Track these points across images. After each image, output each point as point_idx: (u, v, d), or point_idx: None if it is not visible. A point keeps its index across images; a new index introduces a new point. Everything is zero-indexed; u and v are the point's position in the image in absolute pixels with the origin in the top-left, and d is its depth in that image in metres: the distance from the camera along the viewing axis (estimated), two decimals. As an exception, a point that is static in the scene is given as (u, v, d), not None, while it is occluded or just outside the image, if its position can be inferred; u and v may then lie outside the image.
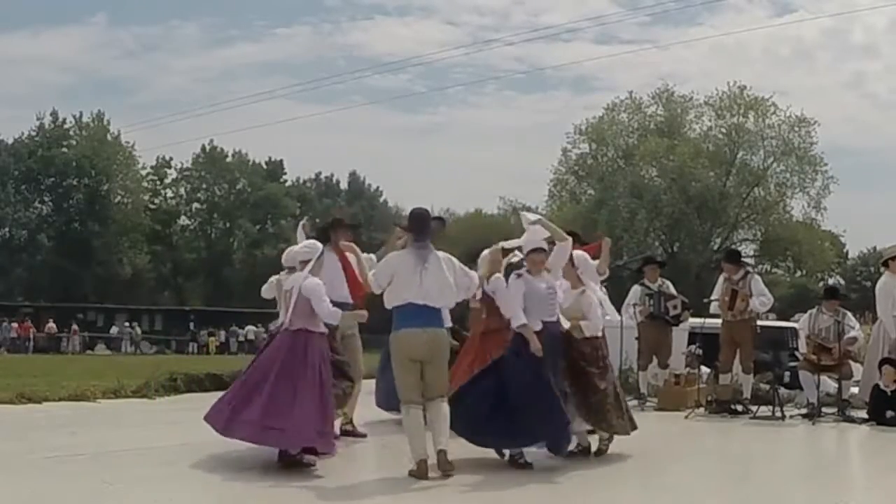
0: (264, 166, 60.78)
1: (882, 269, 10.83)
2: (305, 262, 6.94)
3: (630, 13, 78.20)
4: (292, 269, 7.36)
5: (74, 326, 42.42)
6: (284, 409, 6.35)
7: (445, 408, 6.45)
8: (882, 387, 9.62)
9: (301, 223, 8.71)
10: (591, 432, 7.32)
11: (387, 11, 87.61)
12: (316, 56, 76.84)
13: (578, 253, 7.57)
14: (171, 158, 58.53)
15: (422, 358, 6.40)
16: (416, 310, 6.39)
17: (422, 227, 6.55)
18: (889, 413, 9.38)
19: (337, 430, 7.50)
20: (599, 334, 7.27)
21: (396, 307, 6.44)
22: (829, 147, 53.67)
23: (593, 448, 7.26)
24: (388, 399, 8.23)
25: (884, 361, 9.81)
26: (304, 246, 7.14)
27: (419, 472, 6.23)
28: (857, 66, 70.00)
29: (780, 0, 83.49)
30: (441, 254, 6.55)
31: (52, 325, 41.92)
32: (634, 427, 7.30)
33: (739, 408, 10.13)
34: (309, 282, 6.73)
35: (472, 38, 73.64)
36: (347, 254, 7.41)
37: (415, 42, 77.85)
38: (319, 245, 7.10)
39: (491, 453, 6.91)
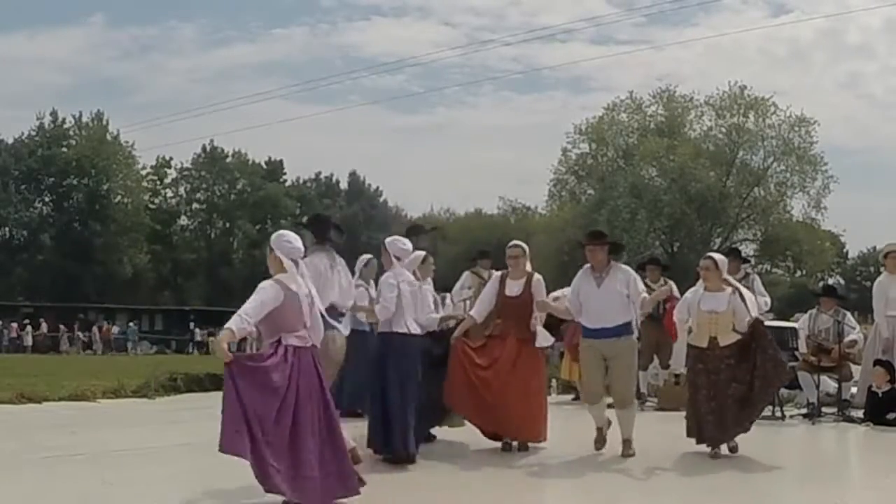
0: (264, 166, 60.71)
1: (881, 268, 10.83)
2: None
3: (626, 14, 78.04)
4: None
5: (75, 326, 42.37)
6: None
7: None
8: (874, 388, 9.63)
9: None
10: None
11: (383, 12, 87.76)
12: (313, 56, 76.86)
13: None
14: (170, 158, 58.59)
15: None
16: None
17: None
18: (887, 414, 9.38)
19: None
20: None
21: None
22: (827, 147, 53.23)
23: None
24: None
25: (875, 363, 9.82)
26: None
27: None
28: (852, 66, 69.95)
29: (775, 0, 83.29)
30: None
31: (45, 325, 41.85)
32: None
33: (740, 408, 10.10)
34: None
35: (468, 38, 73.64)
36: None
37: (411, 43, 77.82)
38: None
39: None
